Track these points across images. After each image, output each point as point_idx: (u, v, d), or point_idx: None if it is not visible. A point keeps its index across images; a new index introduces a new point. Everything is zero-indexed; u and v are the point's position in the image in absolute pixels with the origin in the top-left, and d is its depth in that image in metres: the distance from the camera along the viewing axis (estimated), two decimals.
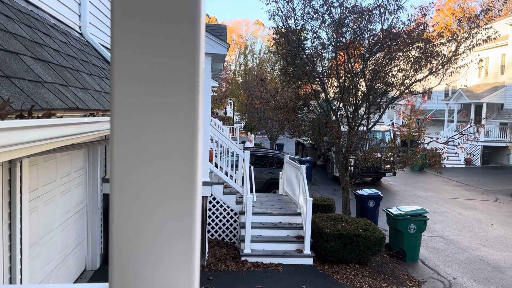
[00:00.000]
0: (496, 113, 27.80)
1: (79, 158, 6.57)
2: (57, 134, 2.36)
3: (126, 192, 0.47)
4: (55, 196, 5.52)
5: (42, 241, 5.16)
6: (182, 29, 0.46)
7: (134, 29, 0.46)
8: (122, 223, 0.47)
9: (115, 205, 0.47)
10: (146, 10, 0.46)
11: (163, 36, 0.46)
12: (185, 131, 0.47)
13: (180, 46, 0.46)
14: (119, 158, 0.47)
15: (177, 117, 0.47)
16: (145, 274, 0.48)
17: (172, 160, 0.47)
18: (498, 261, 9.65)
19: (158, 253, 0.48)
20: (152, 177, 0.47)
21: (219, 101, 39.21)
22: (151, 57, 0.46)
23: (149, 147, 0.47)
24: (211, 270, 7.79)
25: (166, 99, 0.47)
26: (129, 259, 0.48)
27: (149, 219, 0.47)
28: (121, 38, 0.46)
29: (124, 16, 0.46)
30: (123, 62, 0.46)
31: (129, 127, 0.47)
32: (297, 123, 11.55)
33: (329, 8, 10.22)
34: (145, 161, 0.47)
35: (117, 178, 0.47)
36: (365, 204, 10.93)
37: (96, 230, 7.16)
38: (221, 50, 7.86)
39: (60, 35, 4.89)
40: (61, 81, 3.54)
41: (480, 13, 10.19)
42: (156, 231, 0.48)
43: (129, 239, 0.48)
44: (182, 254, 0.48)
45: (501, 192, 18.05)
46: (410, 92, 10.74)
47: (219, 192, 9.36)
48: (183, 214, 0.47)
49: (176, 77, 0.47)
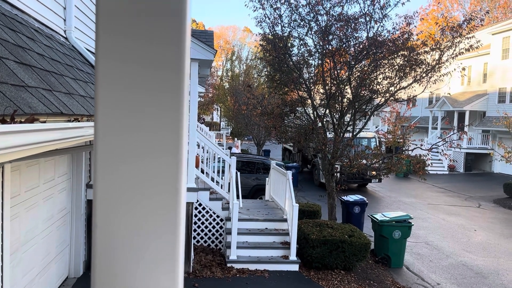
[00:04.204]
0: (478, 120, 28.31)
1: (63, 163, 6.47)
2: (40, 140, 2.33)
3: (109, 197, 0.47)
4: (37, 202, 5.43)
5: (24, 247, 5.06)
6: (167, 34, 0.46)
7: (119, 33, 0.46)
8: (105, 229, 0.47)
9: (98, 211, 0.47)
10: (131, 13, 0.46)
11: (148, 41, 0.46)
12: (170, 135, 0.47)
13: (165, 52, 0.46)
14: (103, 163, 0.47)
15: (162, 121, 0.47)
16: (129, 279, 0.47)
17: (156, 166, 0.47)
18: (481, 266, 9.78)
19: (141, 260, 0.47)
20: (136, 182, 0.47)
21: (206, 106, 39.15)
22: (135, 62, 0.46)
23: (132, 152, 0.47)
24: (197, 276, 7.72)
25: (151, 104, 0.47)
26: (112, 265, 0.47)
27: (132, 226, 0.47)
28: (106, 43, 0.46)
29: (109, 20, 0.46)
30: (107, 67, 0.46)
31: (113, 131, 0.47)
32: (284, 129, 11.59)
33: (316, 15, 10.32)
34: (129, 166, 0.47)
35: (101, 183, 0.47)
36: (351, 210, 10.99)
37: (80, 237, 7.05)
38: (208, 56, 7.86)
39: (45, 39, 4.84)
40: (45, 86, 3.50)
41: (462, 22, 10.40)
42: (140, 238, 0.47)
43: (112, 245, 0.47)
44: (166, 260, 0.47)
45: (483, 198, 18.34)
46: (395, 99, 10.88)
47: (205, 198, 9.31)
48: (167, 220, 0.47)
49: (161, 82, 0.47)
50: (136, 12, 0.46)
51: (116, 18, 0.46)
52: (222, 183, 9.90)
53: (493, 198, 18.22)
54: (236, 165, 9.80)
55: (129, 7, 0.45)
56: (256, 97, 12.90)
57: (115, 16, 0.45)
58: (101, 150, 0.46)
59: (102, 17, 0.45)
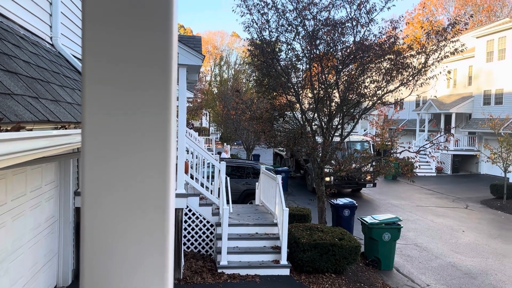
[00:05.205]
0: (464, 122, 28.69)
1: (51, 171, 6.40)
2: (26, 148, 2.30)
3: (97, 206, 0.47)
4: (24, 210, 5.36)
5: (11, 257, 4.98)
6: (154, 41, 0.46)
7: (106, 40, 0.46)
8: (93, 237, 0.47)
9: (86, 218, 0.47)
10: (117, 15, 0.46)
11: (134, 41, 0.46)
12: (158, 143, 0.47)
13: (152, 57, 0.47)
14: (90, 170, 0.47)
15: (150, 128, 0.47)
16: (118, 287, 0.47)
17: (145, 172, 0.47)
18: (469, 267, 9.88)
19: (130, 267, 0.47)
20: (124, 190, 0.47)
21: (195, 112, 39.07)
22: (122, 67, 0.47)
23: (120, 159, 0.47)
24: (187, 283, 7.67)
25: (138, 105, 0.47)
26: (101, 274, 0.47)
27: (120, 233, 0.47)
28: (93, 49, 0.46)
29: (95, 26, 0.46)
30: (94, 68, 0.46)
31: (100, 135, 0.47)
32: (273, 134, 11.61)
33: (303, 20, 10.39)
34: (117, 173, 0.47)
35: (88, 191, 0.47)
36: (341, 213, 11.03)
37: (68, 245, 6.96)
38: (196, 61, 7.86)
39: (31, 46, 4.80)
40: (31, 93, 3.47)
41: (447, 26, 10.56)
42: (128, 245, 0.47)
43: (101, 252, 0.47)
44: (155, 267, 0.47)
45: (470, 199, 18.56)
46: (383, 103, 10.98)
47: (195, 203, 9.27)
48: (156, 227, 0.47)
49: (148, 82, 0.47)
50: (122, 13, 0.46)
51: (102, 20, 0.46)
52: (212, 189, 9.87)
53: (480, 199, 18.44)
54: (225, 170, 9.78)
55: (116, 9, 0.46)
56: (245, 101, 12.92)
57: (101, 18, 0.46)
58: (89, 155, 0.46)
59: (88, 19, 0.46)
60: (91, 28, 0.46)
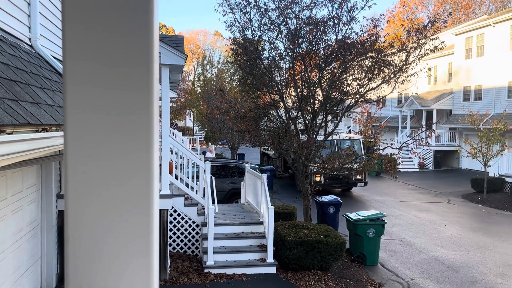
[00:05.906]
0: (445, 118, 29.18)
1: (32, 174, 6.29)
2: (7, 152, 2.26)
3: (80, 208, 0.47)
4: (5, 215, 5.25)
5: None
6: (135, 41, 0.46)
7: (86, 41, 0.46)
8: (77, 240, 0.47)
9: (70, 222, 0.47)
10: (97, 20, 0.46)
11: (115, 40, 0.46)
12: (141, 144, 0.47)
13: (133, 57, 0.47)
14: (73, 172, 0.47)
15: (133, 129, 0.47)
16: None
17: (128, 173, 0.47)
18: (452, 260, 10.06)
19: (115, 269, 0.47)
20: (107, 192, 0.47)
21: (179, 111, 38.81)
22: (103, 68, 0.46)
23: (103, 160, 0.47)
24: (174, 284, 7.63)
25: (121, 111, 0.47)
26: (85, 277, 0.47)
27: (104, 235, 0.47)
28: (73, 49, 0.46)
29: (75, 26, 0.46)
30: (75, 67, 0.46)
31: (82, 140, 0.47)
32: (258, 133, 11.63)
33: (285, 19, 10.42)
34: (99, 175, 0.47)
35: (72, 193, 0.46)
36: (326, 210, 11.11)
37: (51, 249, 6.85)
38: (179, 61, 7.81)
39: (9, 47, 4.70)
40: (11, 96, 3.40)
41: (427, 24, 10.72)
42: (112, 247, 0.47)
43: (84, 256, 0.47)
44: (140, 269, 0.47)
45: (452, 194, 18.90)
46: (365, 100, 11.10)
47: (180, 204, 9.22)
48: (140, 229, 0.47)
49: (130, 87, 0.47)
50: (102, 13, 0.46)
51: (82, 20, 0.45)
52: (197, 189, 9.83)
53: (462, 194, 18.79)
54: (210, 169, 9.76)
55: (95, 9, 0.45)
56: (229, 101, 12.91)
57: (81, 18, 0.45)
58: (71, 157, 0.46)
59: (68, 20, 0.45)
60: (71, 28, 0.45)
